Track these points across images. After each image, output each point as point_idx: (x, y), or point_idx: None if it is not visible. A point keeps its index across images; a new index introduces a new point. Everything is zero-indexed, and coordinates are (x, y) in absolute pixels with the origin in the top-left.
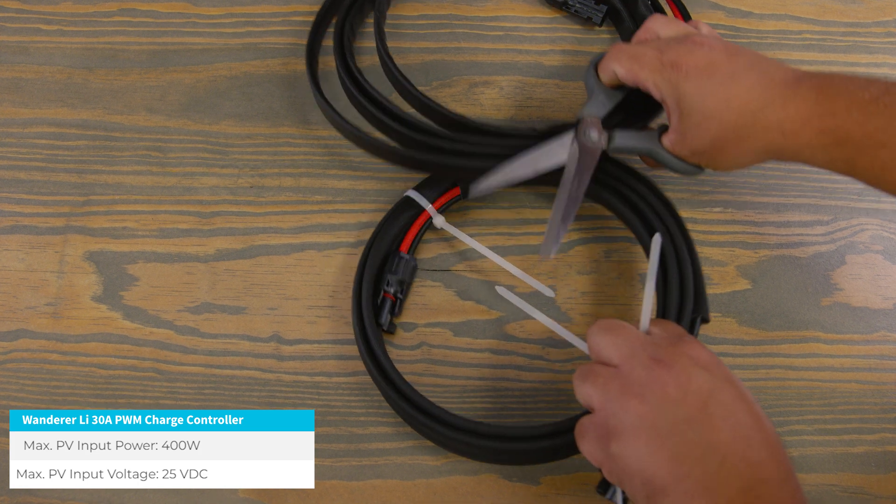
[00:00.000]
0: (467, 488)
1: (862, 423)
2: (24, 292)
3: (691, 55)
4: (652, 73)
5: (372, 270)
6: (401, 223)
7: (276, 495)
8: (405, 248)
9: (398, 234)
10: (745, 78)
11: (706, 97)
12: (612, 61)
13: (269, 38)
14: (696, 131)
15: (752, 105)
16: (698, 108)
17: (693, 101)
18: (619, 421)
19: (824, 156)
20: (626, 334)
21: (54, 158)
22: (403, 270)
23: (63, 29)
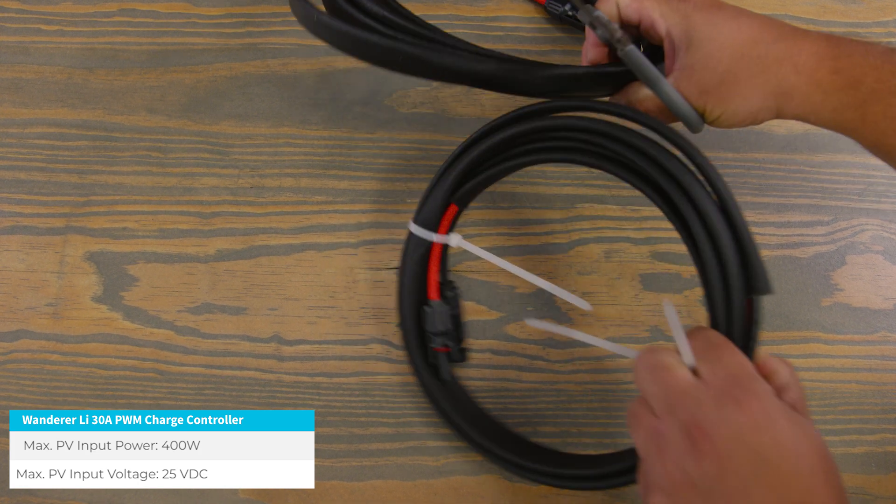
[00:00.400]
0: (467, 488)
1: (862, 423)
2: (25, 292)
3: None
4: (658, 3)
5: (413, 326)
6: (416, 263)
7: (276, 495)
8: (433, 294)
9: (420, 273)
10: (753, 16)
11: (718, 25)
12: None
13: (269, 38)
14: (707, 62)
15: (766, 35)
16: (710, 37)
17: (704, 29)
18: (655, 478)
19: (835, 100)
20: (667, 382)
21: (54, 158)
22: (440, 321)
23: (63, 29)
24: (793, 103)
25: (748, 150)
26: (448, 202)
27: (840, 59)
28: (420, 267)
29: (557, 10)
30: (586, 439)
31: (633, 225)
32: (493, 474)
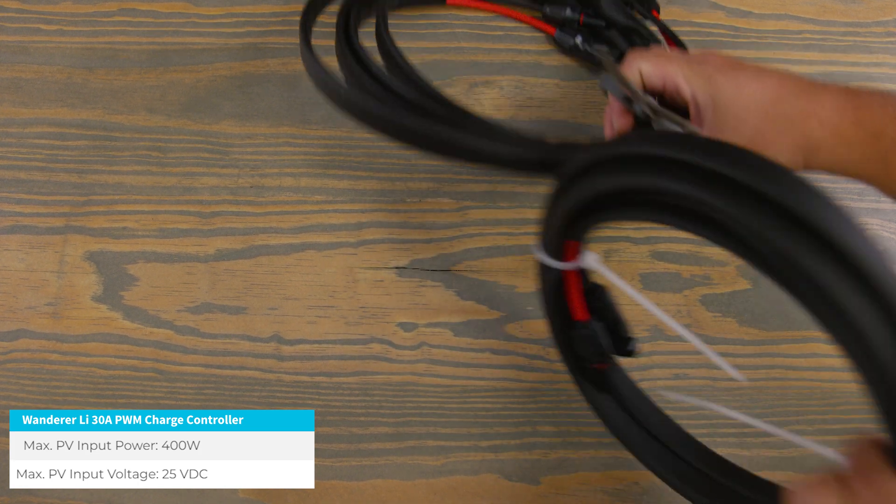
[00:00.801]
0: (467, 488)
1: (862, 423)
2: (24, 292)
3: (715, 55)
4: (681, 67)
5: (568, 352)
6: (552, 290)
7: (276, 495)
8: (579, 314)
9: (558, 298)
10: (773, 73)
11: (742, 87)
12: (636, 60)
13: (269, 38)
14: (735, 124)
15: (788, 93)
16: (735, 99)
17: (729, 91)
18: None
19: (859, 152)
20: None
21: (54, 158)
22: (592, 343)
23: (63, 29)
24: (819, 156)
25: None
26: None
27: (860, 110)
28: (557, 293)
29: (568, 44)
30: (586, 439)
31: (633, 224)
32: (492, 474)
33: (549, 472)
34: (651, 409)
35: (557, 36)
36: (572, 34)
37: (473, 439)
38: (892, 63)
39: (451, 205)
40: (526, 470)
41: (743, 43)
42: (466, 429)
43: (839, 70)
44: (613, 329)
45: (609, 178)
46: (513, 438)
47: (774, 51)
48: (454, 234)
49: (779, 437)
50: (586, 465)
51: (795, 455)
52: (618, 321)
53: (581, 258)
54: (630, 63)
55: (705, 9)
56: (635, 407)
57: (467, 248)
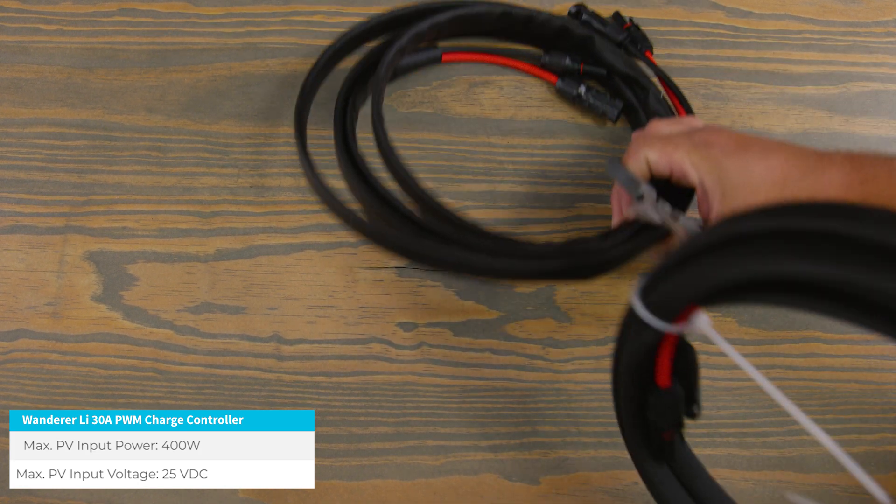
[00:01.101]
0: (467, 488)
1: (862, 423)
2: (24, 292)
3: (720, 135)
4: (688, 153)
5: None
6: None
7: (276, 495)
8: (664, 380)
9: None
10: (778, 151)
11: (749, 169)
12: (641, 148)
13: (269, 38)
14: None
15: (794, 173)
16: (743, 182)
17: (737, 175)
18: None
19: None
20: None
21: (54, 158)
22: (674, 410)
23: (63, 29)
24: None
25: None
26: (693, 303)
27: (867, 184)
28: (647, 356)
29: (571, 94)
30: (586, 439)
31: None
32: (492, 474)
33: (549, 472)
34: (710, 484)
35: (559, 86)
36: (575, 84)
37: (473, 439)
38: (892, 63)
39: (451, 205)
40: (526, 470)
41: (743, 43)
42: (466, 429)
43: (839, 70)
44: (690, 392)
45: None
46: (513, 438)
47: (774, 51)
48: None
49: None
50: (586, 465)
51: (795, 455)
52: (696, 384)
53: (692, 320)
54: (636, 151)
55: (705, 9)
56: (695, 480)
57: None
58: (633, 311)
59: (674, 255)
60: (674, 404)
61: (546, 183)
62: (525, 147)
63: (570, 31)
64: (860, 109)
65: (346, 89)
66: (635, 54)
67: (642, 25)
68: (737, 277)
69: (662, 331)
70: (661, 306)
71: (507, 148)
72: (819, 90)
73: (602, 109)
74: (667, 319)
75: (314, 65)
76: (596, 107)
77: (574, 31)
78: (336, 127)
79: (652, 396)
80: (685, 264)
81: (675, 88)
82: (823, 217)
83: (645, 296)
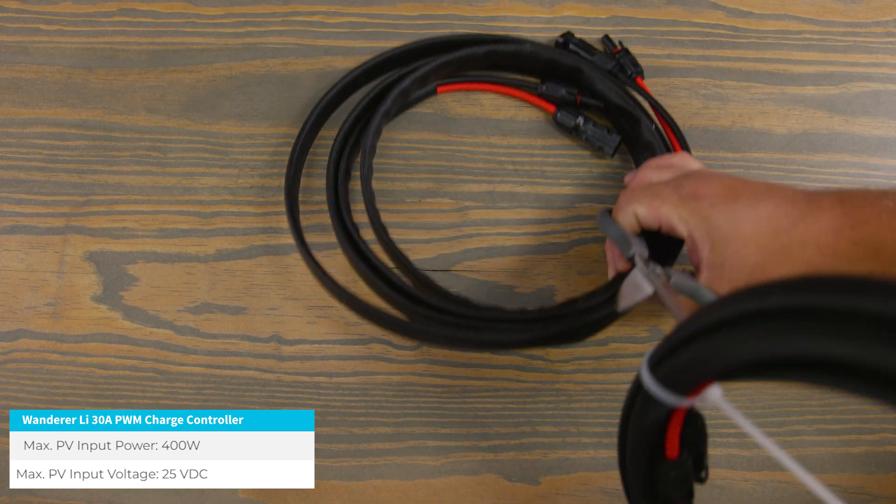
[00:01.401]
0: (467, 488)
1: (862, 423)
2: (24, 292)
3: (708, 184)
4: (675, 207)
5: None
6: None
7: (276, 495)
8: (672, 451)
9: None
10: (767, 198)
11: (739, 222)
12: (630, 203)
13: (269, 38)
14: (735, 261)
15: (784, 222)
16: (733, 235)
17: (725, 228)
18: None
19: (861, 269)
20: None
21: (54, 158)
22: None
23: (63, 29)
24: None
25: (748, 150)
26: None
27: (857, 227)
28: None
29: (569, 125)
30: (586, 439)
31: None
32: (492, 474)
33: (549, 472)
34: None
35: (558, 117)
36: (573, 115)
37: (473, 439)
38: (891, 63)
39: (451, 205)
40: (526, 470)
41: (743, 43)
42: (466, 429)
43: (839, 70)
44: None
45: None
46: (513, 438)
47: (774, 51)
48: (454, 234)
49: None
50: (586, 465)
51: (794, 455)
52: (705, 451)
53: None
54: (625, 205)
55: (705, 9)
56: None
57: (467, 248)
58: (642, 384)
59: (687, 326)
60: (684, 476)
61: (546, 183)
62: (525, 147)
63: (558, 63)
64: (860, 109)
65: (337, 152)
66: (626, 82)
67: (642, 25)
68: (760, 356)
69: (674, 406)
70: (672, 379)
71: (507, 148)
72: (819, 90)
73: (598, 143)
74: (678, 393)
75: (298, 133)
76: (593, 140)
77: (562, 61)
78: (329, 196)
79: (661, 468)
80: (700, 338)
81: (668, 117)
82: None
83: (655, 368)
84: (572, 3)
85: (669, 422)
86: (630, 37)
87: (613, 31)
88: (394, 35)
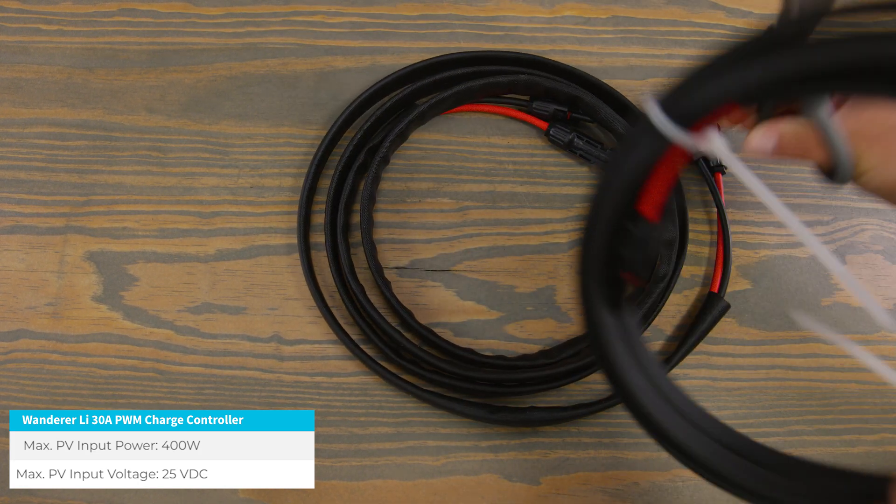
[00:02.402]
0: (467, 488)
1: (862, 423)
2: (24, 292)
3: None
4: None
5: (601, 241)
6: (639, 163)
7: (276, 495)
8: (651, 209)
9: (641, 172)
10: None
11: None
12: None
13: (269, 38)
14: (879, 109)
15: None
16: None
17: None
18: None
19: None
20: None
21: (54, 158)
22: (649, 250)
23: (63, 29)
24: None
25: None
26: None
27: None
28: (642, 170)
29: (562, 141)
30: (586, 439)
31: None
32: (492, 474)
33: (549, 472)
34: (651, 358)
35: (551, 133)
36: (566, 131)
37: (473, 439)
38: None
39: (451, 205)
40: (526, 470)
41: None
42: (466, 429)
43: None
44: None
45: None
46: (513, 438)
47: None
48: (454, 234)
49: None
50: (586, 465)
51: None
52: (675, 237)
53: (708, 136)
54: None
55: (705, 9)
56: (637, 344)
57: (467, 248)
58: (646, 119)
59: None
60: (651, 242)
61: (546, 183)
62: (525, 147)
63: (558, 91)
64: None
65: (331, 209)
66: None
67: (642, 25)
68: (799, 69)
69: (672, 139)
70: (679, 108)
71: (507, 148)
72: None
73: (593, 160)
74: (683, 124)
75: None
76: (587, 157)
77: (562, 90)
78: (329, 255)
79: (635, 227)
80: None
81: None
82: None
83: (677, 91)
84: (572, 2)
85: (658, 167)
86: (630, 37)
87: (613, 31)
88: (393, 35)
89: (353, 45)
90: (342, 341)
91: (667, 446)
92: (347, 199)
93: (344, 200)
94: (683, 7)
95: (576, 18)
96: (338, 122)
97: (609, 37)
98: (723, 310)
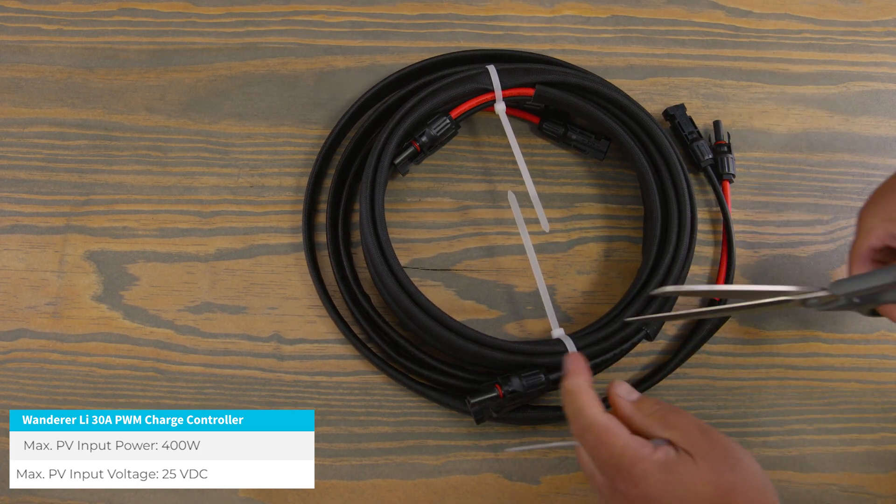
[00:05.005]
0: (467, 488)
1: (862, 422)
2: (25, 292)
3: None
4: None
5: (413, 118)
6: (459, 90)
7: (276, 495)
8: (456, 113)
9: (452, 100)
10: None
11: None
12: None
13: (269, 38)
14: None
15: None
16: None
17: None
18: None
19: None
20: (596, 447)
21: (54, 158)
22: (442, 132)
23: (63, 29)
24: None
25: (748, 150)
26: None
27: None
28: (456, 94)
29: (556, 133)
30: None
31: (633, 224)
32: (492, 473)
33: (549, 471)
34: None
35: (544, 126)
36: (559, 124)
37: (473, 439)
38: (891, 63)
39: (451, 205)
40: (526, 470)
41: (743, 43)
42: (466, 428)
43: (839, 70)
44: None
45: None
46: (513, 438)
47: (774, 50)
48: (454, 234)
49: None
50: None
51: (795, 455)
52: (432, 147)
53: (499, 101)
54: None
55: (705, 9)
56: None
57: (467, 248)
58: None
59: None
60: (445, 129)
61: (546, 183)
62: (525, 147)
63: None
64: (860, 109)
65: (332, 209)
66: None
67: (642, 25)
68: None
69: (490, 88)
70: None
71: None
72: (819, 90)
73: (587, 150)
74: None
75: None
76: (581, 147)
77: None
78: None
79: (441, 115)
80: None
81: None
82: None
83: None
84: (572, 2)
85: (475, 97)
86: (630, 36)
87: (613, 31)
88: (393, 35)
89: (353, 45)
90: (349, 340)
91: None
92: (347, 199)
93: (344, 200)
94: (683, 7)
95: (576, 18)
96: (341, 122)
97: (609, 36)
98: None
